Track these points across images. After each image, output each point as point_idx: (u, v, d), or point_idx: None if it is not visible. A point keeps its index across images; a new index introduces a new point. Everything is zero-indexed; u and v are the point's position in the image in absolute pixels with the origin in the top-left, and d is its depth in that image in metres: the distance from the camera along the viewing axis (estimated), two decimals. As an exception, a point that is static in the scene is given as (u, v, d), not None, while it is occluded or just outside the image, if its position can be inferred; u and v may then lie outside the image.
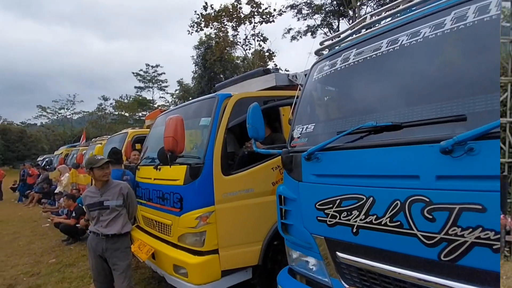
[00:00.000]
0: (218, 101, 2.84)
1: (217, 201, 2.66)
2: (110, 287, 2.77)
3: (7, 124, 46.90)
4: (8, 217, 9.06)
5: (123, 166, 4.49)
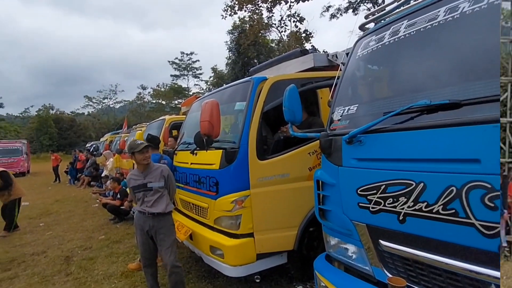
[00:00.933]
0: (253, 84, 2.79)
1: (252, 186, 2.66)
2: (154, 262, 2.98)
3: (60, 114, 51.49)
4: (63, 197, 10.05)
5: (162, 152, 4.69)
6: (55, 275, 3.86)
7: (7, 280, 3.78)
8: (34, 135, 43.38)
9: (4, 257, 4.59)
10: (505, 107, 1.32)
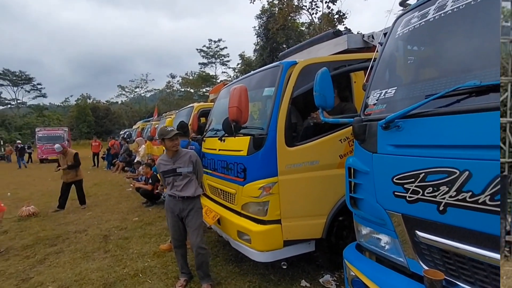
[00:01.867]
0: (282, 69, 2.73)
1: (280, 172, 2.64)
2: (183, 243, 3.11)
3: (96, 103, 54.65)
4: (101, 181, 10.75)
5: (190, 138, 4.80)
6: (95, 252, 4.17)
7: (54, 254, 4.15)
8: (74, 123, 46.56)
9: (51, 234, 5.03)
10: (505, 107, 1.23)
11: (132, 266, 3.61)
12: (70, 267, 3.71)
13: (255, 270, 3.27)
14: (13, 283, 3.37)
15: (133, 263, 3.72)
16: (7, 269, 3.75)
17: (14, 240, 4.80)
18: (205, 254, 2.93)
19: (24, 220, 5.95)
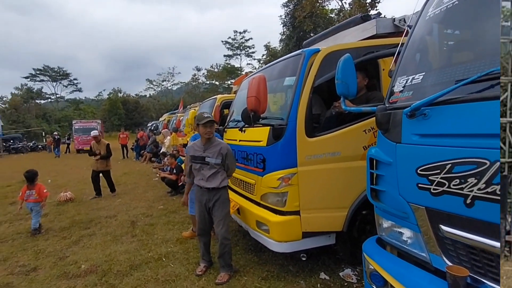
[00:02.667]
0: (304, 57, 2.66)
1: (300, 163, 2.60)
2: (208, 232, 3.21)
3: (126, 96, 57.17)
4: (130, 170, 11.29)
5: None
6: (123, 236, 4.41)
7: (87, 236, 4.45)
8: (106, 115, 49.13)
9: (85, 218, 5.39)
10: (505, 107, 1.27)
11: (156, 251, 3.78)
12: (101, 249, 3.96)
13: (274, 260, 3.29)
14: (51, 261, 3.67)
15: (157, 247, 3.89)
16: (47, 248, 4.08)
17: (53, 222, 5.20)
18: (228, 244, 2.98)
19: (62, 204, 6.43)
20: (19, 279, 3.25)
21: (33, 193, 4.72)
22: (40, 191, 4.75)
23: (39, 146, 28.59)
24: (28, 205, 4.70)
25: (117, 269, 3.35)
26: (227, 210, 3.03)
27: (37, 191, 4.74)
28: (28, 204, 4.70)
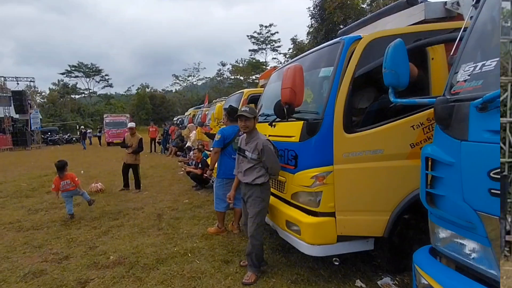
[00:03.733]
0: (343, 46, 2.43)
1: (336, 161, 2.40)
2: None
3: (153, 92, 59.04)
4: (156, 164, 11.54)
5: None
6: (150, 228, 4.44)
7: (116, 227, 4.53)
8: (134, 110, 51.04)
9: (114, 209, 5.52)
10: (505, 107, 1.27)
11: (182, 245, 3.74)
12: (129, 240, 4.00)
13: (304, 263, 3.12)
14: (82, 250, 3.75)
15: (183, 242, 3.85)
16: (78, 237, 4.20)
17: (84, 212, 5.37)
18: (257, 245, 2.84)
19: (93, 195, 6.63)
20: (52, 267, 3.33)
21: (68, 183, 4.95)
22: (73, 179, 4.99)
23: (73, 138, 30.34)
24: (69, 193, 4.98)
25: (144, 262, 3.35)
26: (258, 209, 2.87)
27: (71, 180, 4.97)
28: (67, 192, 4.97)
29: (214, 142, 3.76)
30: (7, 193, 7.15)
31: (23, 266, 3.37)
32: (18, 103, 23.19)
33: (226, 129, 3.86)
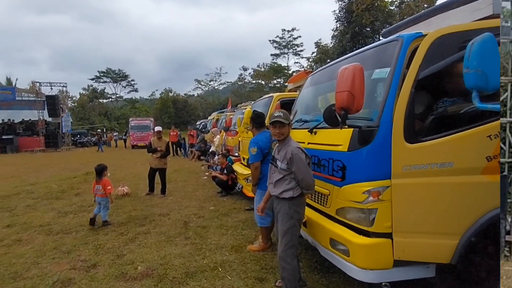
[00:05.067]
0: (402, 44, 2.14)
1: (394, 175, 2.09)
2: None
3: (176, 96, 60.49)
4: (179, 168, 11.56)
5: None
6: (176, 237, 4.28)
7: (142, 234, 4.42)
8: (158, 114, 52.52)
9: (140, 214, 5.45)
10: (505, 107, 1.32)
11: (211, 258, 3.54)
12: (156, 249, 3.86)
13: (347, 285, 2.81)
14: (109, 258, 3.65)
15: (212, 254, 3.66)
16: (106, 243, 4.12)
17: (111, 216, 5.33)
18: (288, 270, 2.52)
19: (120, 198, 6.66)
20: (80, 276, 3.24)
21: (99, 188, 4.88)
22: (105, 186, 4.87)
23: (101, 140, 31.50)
24: (97, 199, 4.90)
25: (173, 275, 3.17)
26: (285, 227, 2.54)
27: (103, 186, 4.87)
28: (97, 198, 4.91)
29: (252, 157, 3.40)
30: (38, 195, 7.34)
31: (52, 273, 3.31)
32: (51, 107, 24.50)
33: (260, 138, 3.48)
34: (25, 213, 5.73)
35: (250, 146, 3.45)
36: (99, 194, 4.88)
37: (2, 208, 6.14)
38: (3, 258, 3.70)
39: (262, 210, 3.00)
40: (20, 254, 3.81)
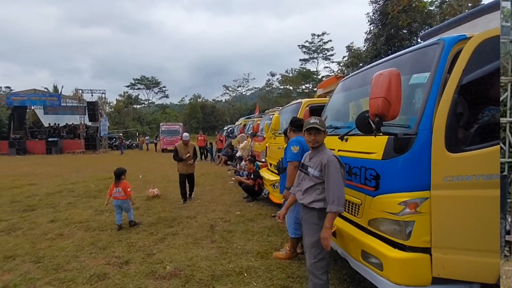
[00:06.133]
0: (443, 48, 2.03)
1: (434, 186, 1.97)
2: None
3: (204, 101, 62.23)
4: (207, 172, 11.80)
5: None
6: (203, 240, 4.35)
7: (171, 235, 4.55)
8: (186, 119, 54.30)
9: (169, 215, 5.62)
10: (505, 107, 1.37)
11: (236, 262, 3.55)
12: (184, 250, 3.95)
13: (379, 301, 2.66)
14: (140, 256, 3.79)
15: (238, 259, 3.66)
16: (137, 242, 4.29)
17: (142, 216, 5.56)
18: (317, 284, 2.42)
19: (150, 200, 6.93)
20: (114, 271, 3.39)
21: (119, 191, 4.88)
22: (125, 189, 4.89)
23: (134, 144, 33.22)
24: (117, 202, 4.87)
25: (199, 277, 3.22)
26: (314, 239, 2.43)
27: (123, 188, 4.89)
28: (116, 201, 4.87)
29: (291, 154, 3.25)
30: (78, 193, 7.86)
31: (89, 267, 3.50)
32: (91, 112, 26.34)
33: (302, 139, 3.27)
34: (67, 210, 6.15)
35: (291, 144, 3.33)
36: (119, 196, 4.85)
37: (47, 204, 6.65)
38: (47, 251, 3.99)
39: (282, 217, 2.92)
40: (61, 248, 4.08)
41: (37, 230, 4.89)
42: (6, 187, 8.95)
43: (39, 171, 12.99)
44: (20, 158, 21.33)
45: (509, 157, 1.25)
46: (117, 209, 4.92)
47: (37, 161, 18.12)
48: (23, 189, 8.55)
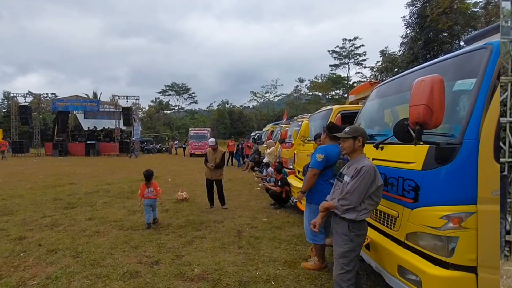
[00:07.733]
0: (491, 53, 1.90)
1: (481, 199, 1.83)
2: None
3: (232, 107, 63.31)
4: (233, 177, 11.92)
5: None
6: (230, 245, 4.37)
7: (199, 239, 4.63)
8: (214, 124, 55.49)
9: (197, 219, 5.73)
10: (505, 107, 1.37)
11: (264, 270, 3.52)
12: (211, 254, 3.99)
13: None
14: (170, 257, 3.89)
15: (265, 266, 3.63)
16: (167, 243, 4.42)
17: (172, 218, 5.72)
18: None
19: (179, 203, 7.12)
20: (145, 270, 3.51)
21: (151, 191, 5.24)
22: (156, 188, 5.28)
23: (163, 148, 34.54)
24: (149, 201, 5.17)
25: (226, 282, 3.23)
26: (343, 250, 2.38)
27: (154, 188, 5.26)
28: (148, 201, 5.17)
29: (314, 161, 3.25)
30: (113, 194, 8.29)
31: (122, 264, 3.65)
32: (126, 117, 27.87)
33: (329, 148, 3.32)
34: (103, 209, 6.51)
35: (317, 151, 3.31)
36: (151, 196, 5.21)
37: (86, 203, 7.09)
38: (85, 247, 4.23)
39: (317, 226, 2.86)
40: (98, 244, 4.31)
41: (76, 226, 5.22)
42: (50, 185, 9.69)
43: (78, 171, 13.93)
44: (62, 159, 23.06)
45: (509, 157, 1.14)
46: (148, 208, 5.19)
47: (77, 162, 19.45)
48: (65, 188, 9.21)
